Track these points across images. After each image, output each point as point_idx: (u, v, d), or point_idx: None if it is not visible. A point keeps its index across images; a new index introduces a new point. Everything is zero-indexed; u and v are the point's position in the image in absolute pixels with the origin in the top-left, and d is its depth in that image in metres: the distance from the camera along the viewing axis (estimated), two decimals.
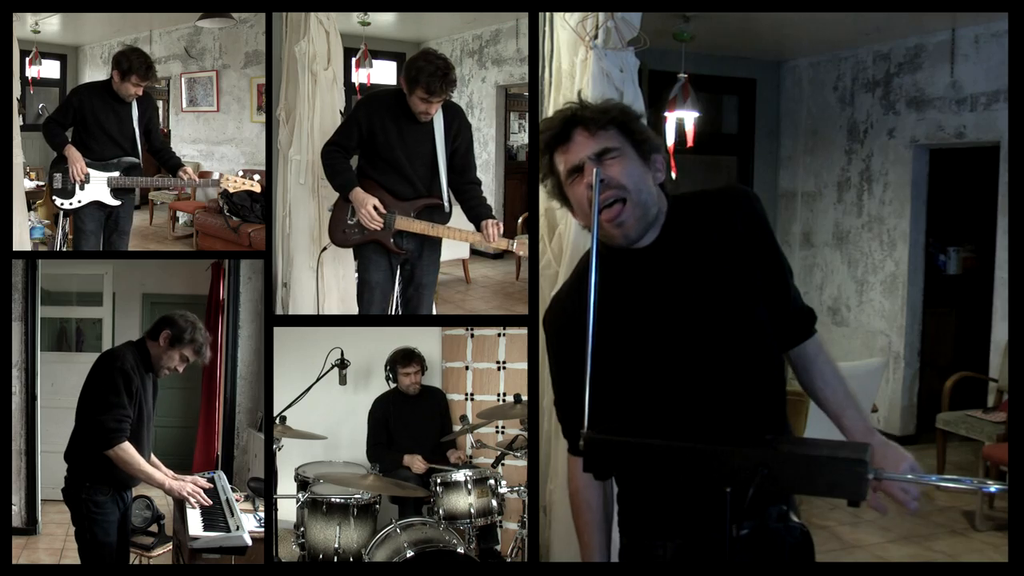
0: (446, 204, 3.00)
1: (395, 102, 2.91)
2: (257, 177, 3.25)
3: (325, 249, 3.18)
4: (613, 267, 1.62)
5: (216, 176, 3.30)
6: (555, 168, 1.64)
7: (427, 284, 3.08)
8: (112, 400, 2.60)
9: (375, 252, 3.00)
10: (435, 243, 3.07)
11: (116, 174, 3.19)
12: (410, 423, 3.38)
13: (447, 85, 2.82)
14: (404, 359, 3.38)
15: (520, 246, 2.93)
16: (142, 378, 2.69)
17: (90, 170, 3.17)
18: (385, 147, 2.92)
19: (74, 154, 3.13)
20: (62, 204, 3.16)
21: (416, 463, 3.28)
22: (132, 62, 3.12)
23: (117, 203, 3.22)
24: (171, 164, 3.33)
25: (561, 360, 1.73)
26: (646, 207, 1.58)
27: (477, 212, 2.97)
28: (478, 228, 2.96)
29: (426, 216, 2.97)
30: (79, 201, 3.16)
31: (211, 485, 2.87)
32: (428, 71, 2.79)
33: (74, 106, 3.17)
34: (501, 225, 2.93)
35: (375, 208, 2.90)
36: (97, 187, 3.17)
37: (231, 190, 3.26)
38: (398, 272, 3.06)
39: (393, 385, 3.41)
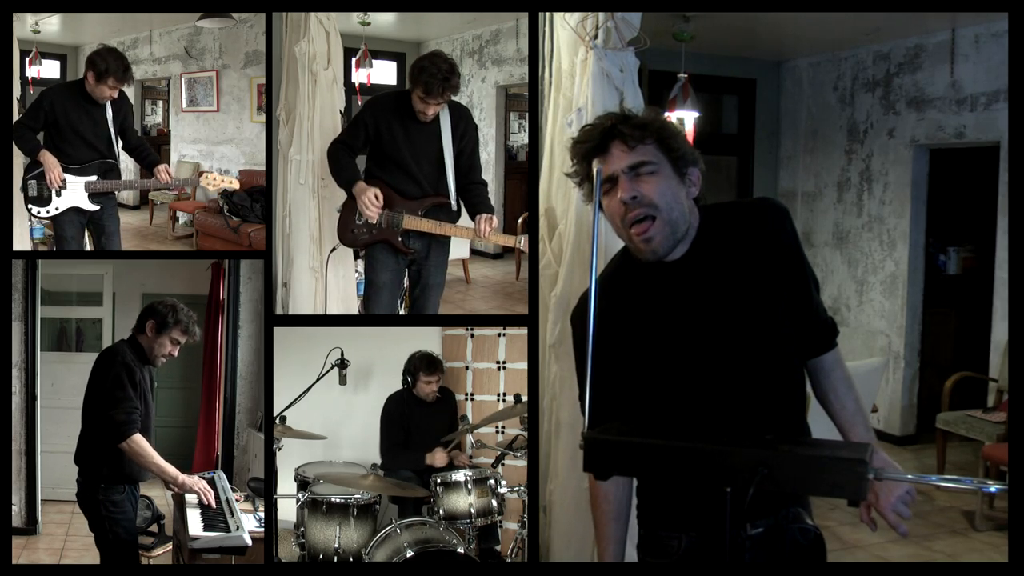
0: (453, 203, 3.01)
1: (401, 103, 2.92)
2: (235, 174, 3.22)
3: (334, 250, 3.18)
4: (644, 278, 1.65)
5: (193, 176, 3.23)
6: (591, 175, 1.65)
7: (434, 285, 3.08)
8: (119, 394, 2.64)
9: (382, 252, 3.01)
10: (443, 244, 3.08)
11: (93, 178, 3.08)
12: (425, 426, 3.37)
13: (446, 89, 2.83)
14: (428, 368, 3.33)
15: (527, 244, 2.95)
16: (141, 372, 2.73)
17: (67, 176, 3.05)
18: (391, 147, 2.93)
19: (50, 160, 3.00)
20: (38, 212, 3.03)
21: (439, 457, 3.26)
22: (109, 64, 2.99)
23: (95, 208, 3.11)
24: (148, 162, 3.22)
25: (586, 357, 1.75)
26: (675, 225, 1.59)
27: (477, 209, 2.99)
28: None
29: (433, 215, 2.98)
30: (56, 208, 3.05)
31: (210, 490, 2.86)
32: (429, 72, 2.80)
33: (45, 109, 3.03)
34: (495, 219, 2.95)
35: (375, 196, 2.91)
36: (74, 193, 3.05)
37: (211, 188, 3.22)
38: (406, 273, 3.06)
39: (408, 387, 3.40)
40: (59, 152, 3.06)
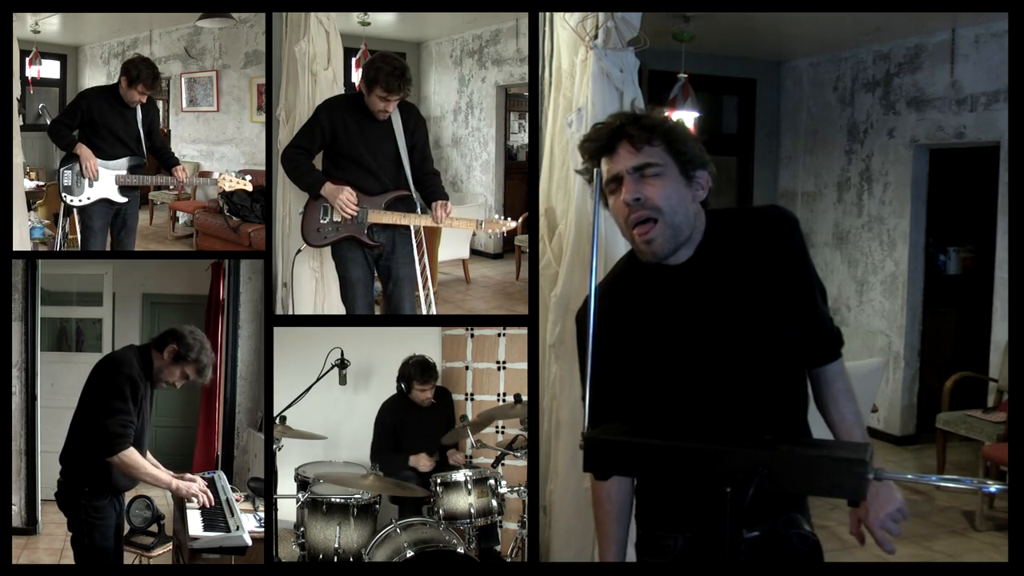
0: (414, 194, 3.09)
1: (354, 104, 3.00)
2: (249, 177, 3.38)
3: (300, 251, 3.21)
4: (648, 281, 1.65)
5: (215, 175, 3.42)
6: (600, 174, 1.65)
7: (405, 277, 3.13)
8: (117, 406, 2.58)
9: (350, 249, 3.06)
10: (407, 236, 3.14)
11: (123, 172, 3.28)
12: (419, 430, 3.37)
13: (404, 84, 2.93)
14: (422, 376, 3.32)
15: (490, 225, 3.07)
16: (145, 386, 2.67)
17: (99, 168, 3.25)
18: (348, 146, 3.00)
19: (85, 151, 3.22)
20: (72, 201, 3.24)
21: (422, 462, 3.28)
22: (141, 71, 3.24)
23: (124, 200, 3.30)
24: (169, 163, 3.42)
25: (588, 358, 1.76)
26: (678, 228, 1.59)
27: (432, 197, 3.07)
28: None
29: (394, 208, 3.05)
30: (88, 198, 3.24)
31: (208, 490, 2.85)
32: (386, 71, 2.89)
33: (82, 109, 3.27)
34: (449, 204, 3.04)
35: (350, 195, 2.98)
36: (105, 184, 3.25)
37: (227, 189, 3.35)
38: (375, 270, 3.12)
39: (400, 391, 3.39)
40: (93, 148, 3.26)
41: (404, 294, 3.12)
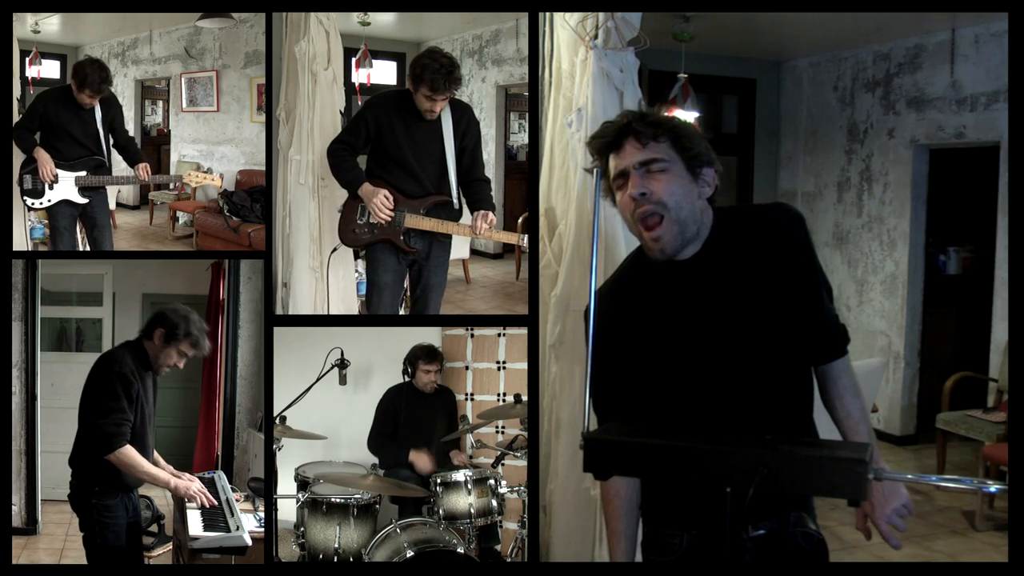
0: (455, 201, 3.00)
1: (402, 101, 2.92)
2: (218, 173, 3.43)
3: (335, 250, 3.18)
4: (654, 277, 1.66)
5: (185, 175, 3.47)
6: (607, 170, 1.67)
7: (435, 285, 3.08)
8: (111, 405, 2.57)
9: (384, 253, 3.00)
10: (444, 243, 3.07)
11: (83, 173, 3.29)
12: (419, 420, 3.37)
13: (451, 83, 2.83)
14: (428, 356, 3.36)
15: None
16: (142, 379, 2.67)
17: (58, 171, 3.25)
18: (393, 146, 2.93)
19: (43, 156, 3.22)
20: (32, 203, 3.25)
21: (422, 460, 3.27)
22: (87, 75, 3.24)
23: (84, 201, 3.30)
24: (133, 160, 3.43)
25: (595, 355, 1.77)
26: (684, 224, 1.60)
27: (477, 205, 2.98)
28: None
29: (434, 214, 2.98)
30: (48, 200, 3.25)
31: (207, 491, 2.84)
32: (432, 69, 2.80)
33: (39, 112, 3.27)
34: (492, 216, 2.94)
35: (386, 198, 2.90)
36: (65, 186, 3.26)
37: (193, 185, 3.40)
38: (407, 273, 3.06)
39: (408, 379, 3.40)
40: (53, 150, 3.26)
41: (431, 301, 3.07)
